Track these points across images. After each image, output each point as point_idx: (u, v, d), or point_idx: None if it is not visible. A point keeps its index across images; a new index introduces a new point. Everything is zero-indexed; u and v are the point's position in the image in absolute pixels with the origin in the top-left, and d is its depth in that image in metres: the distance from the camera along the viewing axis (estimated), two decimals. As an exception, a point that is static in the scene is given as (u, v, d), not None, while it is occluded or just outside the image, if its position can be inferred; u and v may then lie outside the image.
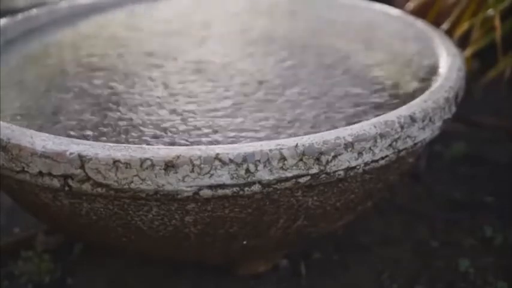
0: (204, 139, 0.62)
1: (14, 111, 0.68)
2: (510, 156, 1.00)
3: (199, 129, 0.64)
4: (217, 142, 0.61)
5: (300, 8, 1.02)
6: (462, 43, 0.92)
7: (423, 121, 0.61)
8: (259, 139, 0.61)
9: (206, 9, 1.02)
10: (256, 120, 0.65)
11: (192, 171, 0.53)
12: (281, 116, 0.66)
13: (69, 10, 0.97)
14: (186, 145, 0.61)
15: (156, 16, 1.00)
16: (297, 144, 0.55)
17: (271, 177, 0.54)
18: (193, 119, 0.66)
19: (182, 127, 0.64)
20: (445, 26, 0.95)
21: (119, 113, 0.67)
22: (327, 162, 0.55)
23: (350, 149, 0.56)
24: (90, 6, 0.99)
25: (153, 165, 0.53)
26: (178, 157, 0.53)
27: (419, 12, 0.99)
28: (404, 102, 0.66)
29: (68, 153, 0.54)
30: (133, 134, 0.63)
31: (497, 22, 0.88)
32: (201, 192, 0.54)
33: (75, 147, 0.54)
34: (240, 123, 0.65)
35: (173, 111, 0.68)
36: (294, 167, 0.55)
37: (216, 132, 0.63)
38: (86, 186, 0.54)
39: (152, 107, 0.69)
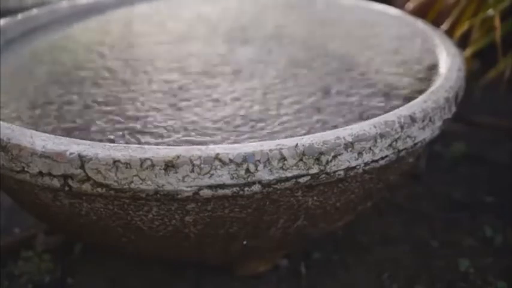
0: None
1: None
2: (510, 156, 1.00)
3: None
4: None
5: (298, 6, 1.02)
6: (462, 43, 0.92)
7: (423, 121, 0.61)
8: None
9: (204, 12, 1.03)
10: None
11: (192, 171, 0.53)
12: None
13: (69, 10, 0.97)
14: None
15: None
16: (297, 144, 0.55)
17: (271, 177, 0.54)
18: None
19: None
20: (445, 26, 0.95)
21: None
22: (327, 162, 0.55)
23: (350, 149, 0.56)
24: (90, 6, 0.99)
25: (153, 165, 0.53)
26: (178, 157, 0.53)
27: (419, 12, 0.99)
28: (404, 102, 0.66)
29: (68, 153, 0.54)
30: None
31: (497, 22, 0.88)
32: (201, 192, 0.54)
33: (75, 147, 0.54)
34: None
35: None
36: (294, 167, 0.55)
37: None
38: (86, 186, 0.54)
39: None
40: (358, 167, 0.57)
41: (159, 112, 0.68)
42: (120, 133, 0.63)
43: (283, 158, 0.54)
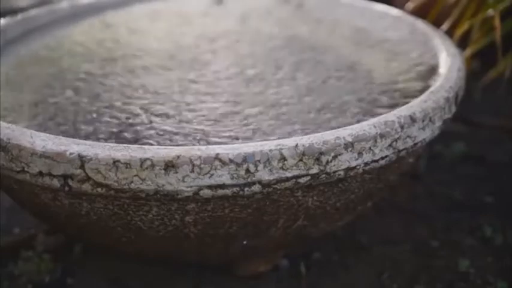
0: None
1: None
2: (510, 156, 1.00)
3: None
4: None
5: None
6: (462, 43, 0.92)
7: (423, 121, 0.61)
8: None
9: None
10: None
11: (192, 171, 0.53)
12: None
13: (69, 10, 0.97)
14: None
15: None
16: (297, 144, 0.55)
17: (271, 178, 0.54)
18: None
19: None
20: (445, 26, 0.95)
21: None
22: (327, 162, 0.55)
23: (350, 149, 0.56)
24: (90, 6, 0.99)
25: (153, 165, 0.53)
26: (178, 157, 0.53)
27: (419, 12, 0.99)
28: (404, 102, 0.66)
29: (68, 153, 0.54)
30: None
31: (497, 22, 0.88)
32: (201, 192, 0.54)
33: (75, 147, 0.54)
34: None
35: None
36: (294, 167, 0.55)
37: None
38: (86, 186, 0.54)
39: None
40: (358, 167, 0.57)
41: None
42: None
43: (283, 158, 0.54)
